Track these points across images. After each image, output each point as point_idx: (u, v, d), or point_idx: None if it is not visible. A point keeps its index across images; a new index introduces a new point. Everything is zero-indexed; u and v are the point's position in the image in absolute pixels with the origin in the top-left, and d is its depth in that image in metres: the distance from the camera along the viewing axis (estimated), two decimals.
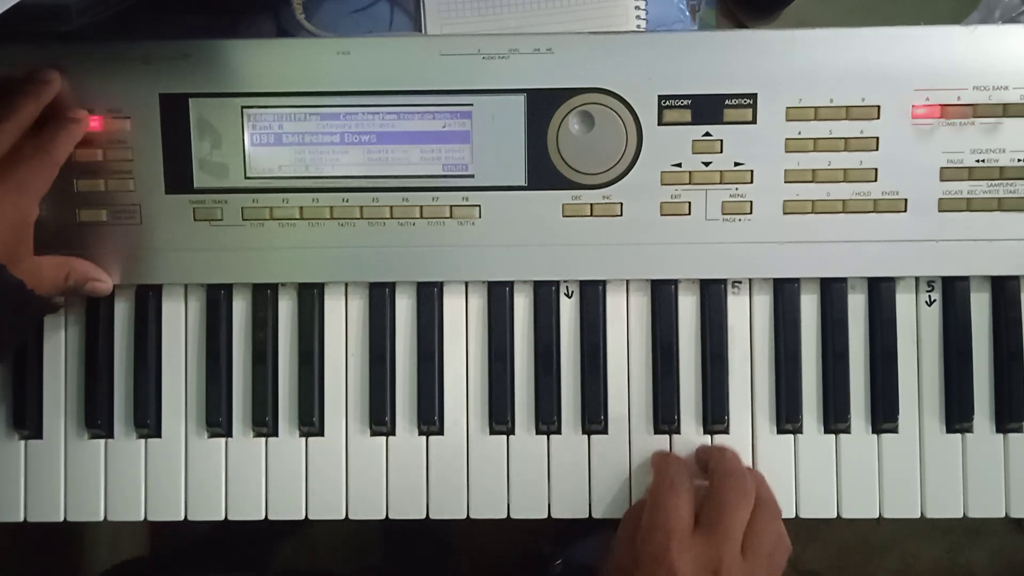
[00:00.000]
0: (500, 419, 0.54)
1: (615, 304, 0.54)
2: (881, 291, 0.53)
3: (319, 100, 0.52)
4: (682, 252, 0.53)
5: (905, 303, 0.54)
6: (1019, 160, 0.52)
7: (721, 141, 0.52)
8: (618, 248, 0.53)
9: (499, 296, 0.54)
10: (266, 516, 0.54)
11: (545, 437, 0.54)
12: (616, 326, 0.54)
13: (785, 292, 0.54)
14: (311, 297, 0.54)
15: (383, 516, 0.54)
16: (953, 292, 0.53)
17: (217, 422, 0.54)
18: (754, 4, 0.61)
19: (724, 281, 0.54)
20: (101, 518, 0.54)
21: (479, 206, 0.53)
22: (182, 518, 0.54)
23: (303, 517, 0.54)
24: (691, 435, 0.54)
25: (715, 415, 0.53)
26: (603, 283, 0.54)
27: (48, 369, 0.55)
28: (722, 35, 0.53)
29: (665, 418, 0.54)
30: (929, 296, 0.54)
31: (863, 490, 0.53)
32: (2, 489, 0.54)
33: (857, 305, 0.54)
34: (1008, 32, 0.52)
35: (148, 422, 0.54)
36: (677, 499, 0.48)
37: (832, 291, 0.53)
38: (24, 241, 0.49)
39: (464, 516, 0.54)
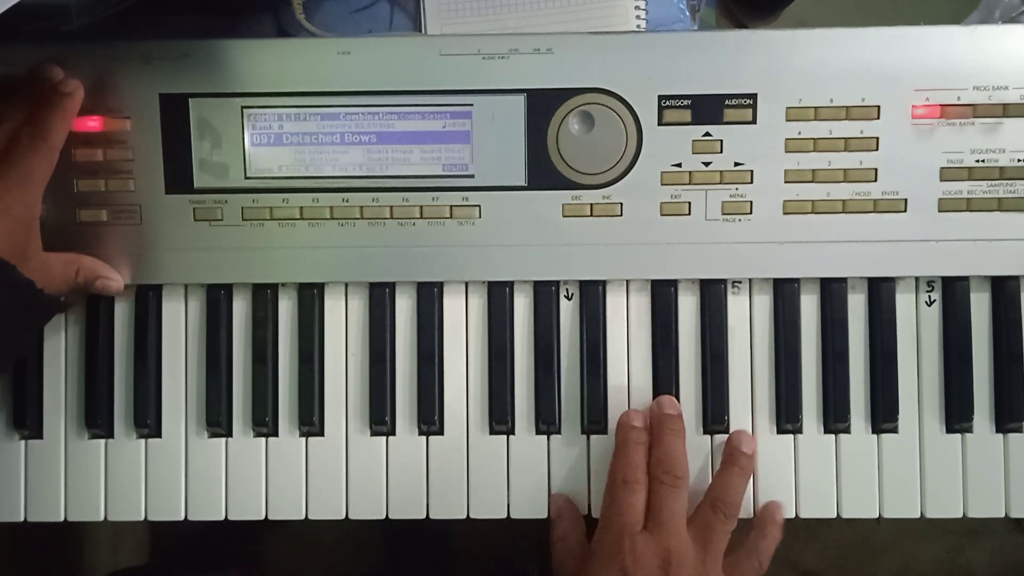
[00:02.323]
0: (500, 419, 0.54)
1: (615, 304, 0.54)
2: (881, 291, 0.53)
3: (319, 100, 0.52)
4: (682, 252, 0.53)
5: (905, 303, 0.54)
6: (1019, 160, 0.52)
7: (721, 141, 0.52)
8: (618, 248, 0.53)
9: (499, 296, 0.54)
10: (266, 516, 0.54)
11: (545, 437, 0.54)
12: (616, 326, 0.54)
13: (785, 292, 0.54)
14: (311, 297, 0.54)
15: (383, 516, 0.54)
16: (953, 292, 0.53)
17: (217, 422, 0.54)
18: (754, 4, 0.61)
19: (724, 281, 0.54)
20: (101, 518, 0.54)
21: (479, 206, 0.53)
22: (182, 518, 0.54)
23: (303, 517, 0.54)
24: (691, 435, 0.54)
25: (715, 415, 0.53)
26: (603, 283, 0.54)
27: (48, 369, 0.55)
28: (722, 35, 0.53)
29: None
30: (929, 296, 0.54)
31: (863, 490, 0.53)
32: (2, 489, 0.54)
33: (857, 305, 0.54)
34: (1008, 32, 0.52)
35: (148, 422, 0.54)
36: (629, 496, 0.50)
37: (832, 291, 0.53)
38: (32, 237, 0.49)
39: (464, 516, 0.54)
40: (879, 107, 0.52)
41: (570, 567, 0.51)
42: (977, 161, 0.52)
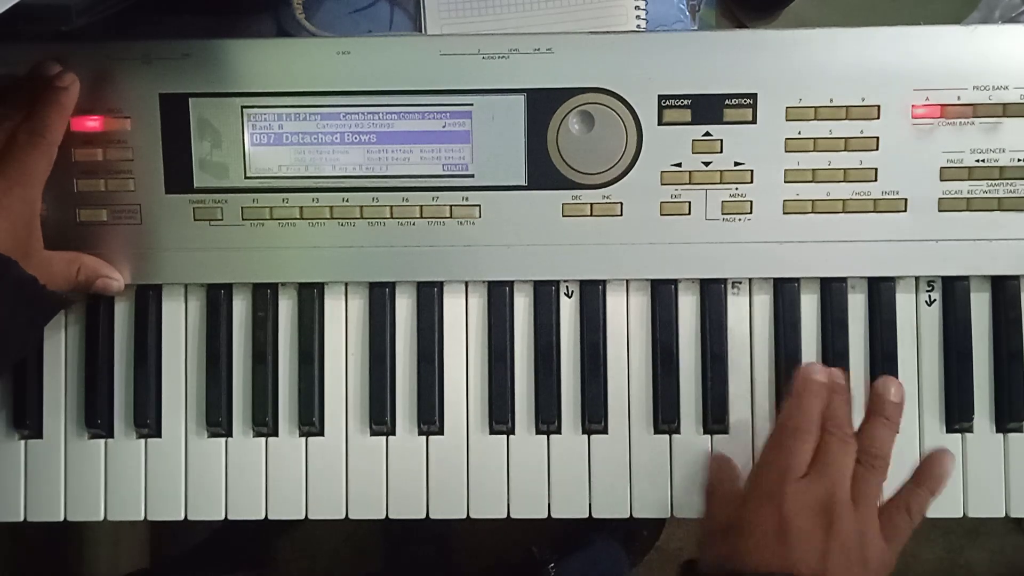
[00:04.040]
0: (500, 419, 0.54)
1: (615, 304, 0.54)
2: (881, 291, 0.53)
3: (319, 100, 0.52)
4: (682, 252, 0.53)
5: (905, 303, 0.54)
6: (1019, 160, 0.52)
7: (721, 141, 0.52)
8: (618, 248, 0.53)
9: (499, 296, 0.54)
10: (266, 516, 0.54)
11: (545, 437, 0.54)
12: (616, 326, 0.54)
13: (785, 292, 0.54)
14: (311, 297, 0.54)
15: (383, 516, 0.54)
16: (953, 292, 0.53)
17: (217, 422, 0.54)
18: (754, 4, 0.61)
19: (724, 281, 0.54)
20: (101, 518, 0.54)
21: (479, 206, 0.53)
22: (182, 518, 0.54)
23: (303, 517, 0.54)
24: (691, 435, 0.54)
25: (715, 415, 0.53)
26: (603, 283, 0.54)
27: (48, 369, 0.55)
28: (722, 35, 0.53)
29: (665, 418, 0.54)
30: (929, 296, 0.54)
31: None
32: (2, 489, 0.54)
33: (857, 305, 0.54)
34: (1008, 32, 0.52)
35: (148, 422, 0.54)
36: (800, 443, 0.48)
37: (832, 291, 0.53)
38: (34, 234, 0.49)
39: (464, 516, 0.54)
40: (879, 107, 0.52)
41: (723, 514, 0.50)
42: (977, 161, 0.52)
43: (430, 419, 0.54)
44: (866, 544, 0.47)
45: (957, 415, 0.53)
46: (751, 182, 0.52)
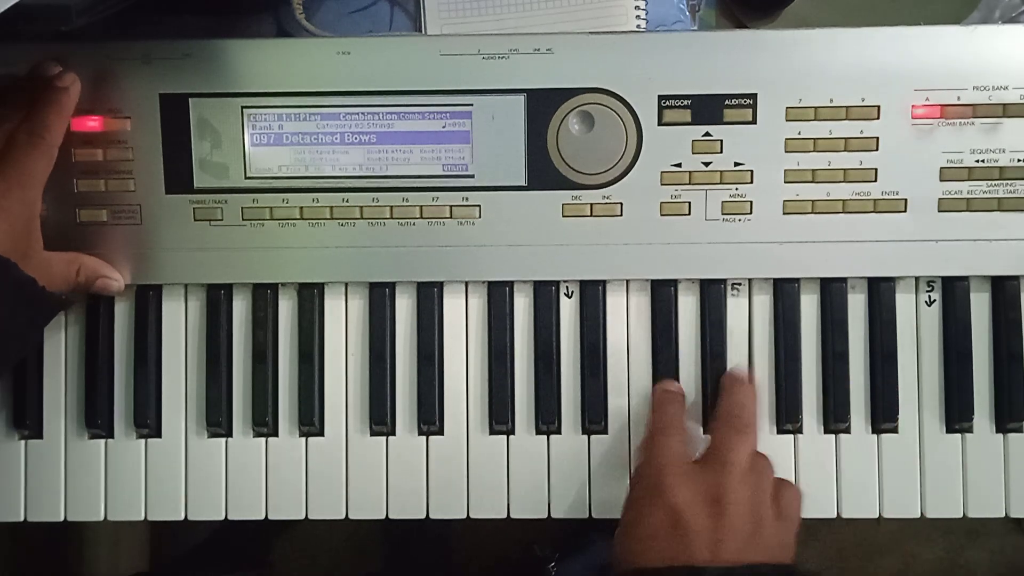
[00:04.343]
0: (500, 419, 0.54)
1: (615, 304, 0.54)
2: (881, 291, 0.53)
3: (319, 100, 0.52)
4: (682, 252, 0.53)
5: (905, 303, 0.54)
6: (1019, 160, 0.52)
7: (721, 141, 0.52)
8: (618, 248, 0.53)
9: (499, 296, 0.54)
10: (266, 516, 0.54)
11: (545, 437, 0.54)
12: (616, 326, 0.54)
13: (785, 292, 0.54)
14: (311, 297, 0.54)
15: (383, 516, 0.54)
16: (953, 292, 0.53)
17: (217, 422, 0.54)
18: (754, 4, 0.61)
19: (724, 281, 0.54)
20: (101, 518, 0.54)
21: (479, 206, 0.53)
22: (182, 518, 0.54)
23: (303, 517, 0.54)
24: (692, 435, 0.54)
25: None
26: (603, 283, 0.54)
27: (48, 369, 0.55)
28: (722, 35, 0.53)
29: None
30: (929, 296, 0.54)
31: (863, 490, 0.53)
32: (2, 489, 0.54)
33: (857, 305, 0.54)
34: (1008, 32, 0.52)
35: (148, 422, 0.54)
36: (667, 439, 0.49)
37: (832, 291, 0.53)
38: (33, 235, 0.49)
39: (464, 516, 0.54)
40: (879, 107, 0.52)
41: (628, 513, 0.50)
42: (977, 161, 0.52)
43: (430, 419, 0.54)
44: (760, 523, 0.47)
45: (957, 415, 0.53)
46: (751, 182, 0.52)
